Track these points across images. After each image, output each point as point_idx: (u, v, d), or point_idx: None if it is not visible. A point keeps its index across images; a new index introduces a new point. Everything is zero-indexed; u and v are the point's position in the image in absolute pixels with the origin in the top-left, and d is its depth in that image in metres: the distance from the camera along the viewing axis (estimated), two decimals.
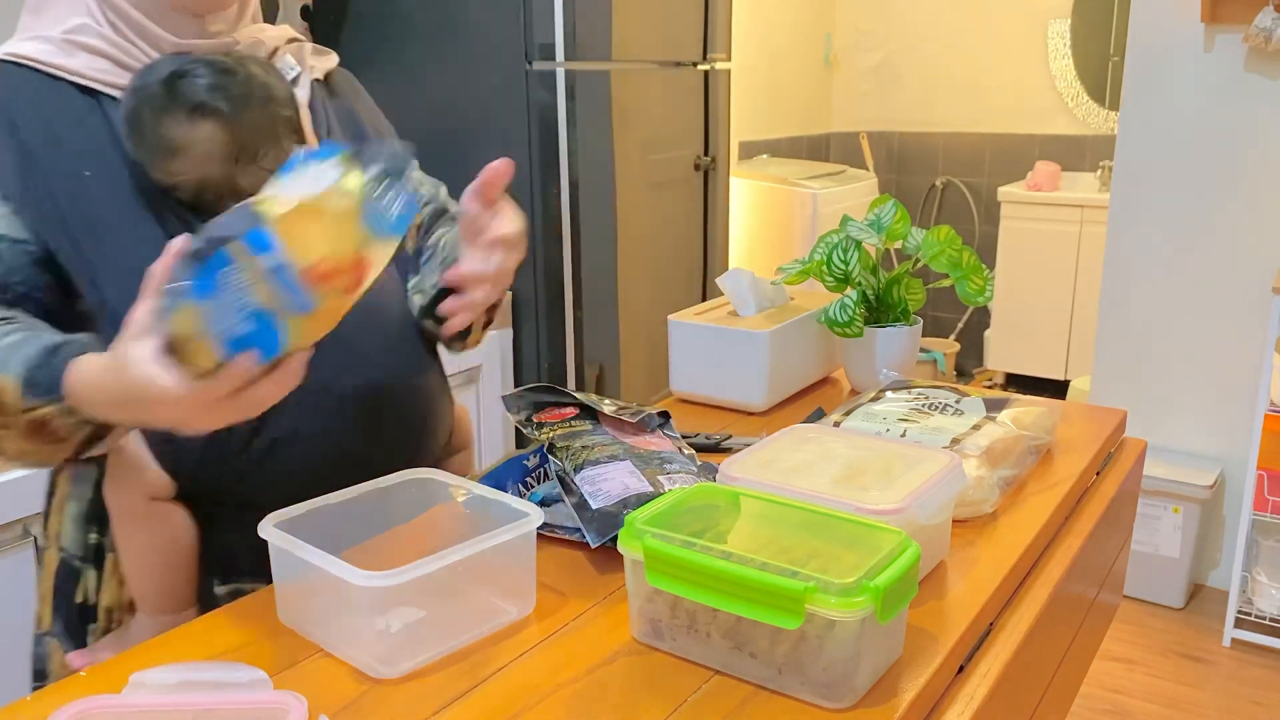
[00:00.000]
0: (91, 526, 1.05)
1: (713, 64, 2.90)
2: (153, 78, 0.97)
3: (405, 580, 0.76)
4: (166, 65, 0.97)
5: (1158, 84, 2.71)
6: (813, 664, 0.73)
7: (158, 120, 0.96)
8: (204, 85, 0.97)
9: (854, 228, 1.43)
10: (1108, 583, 1.26)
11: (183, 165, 0.97)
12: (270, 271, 0.73)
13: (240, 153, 0.99)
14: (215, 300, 0.73)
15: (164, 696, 0.71)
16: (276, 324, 0.75)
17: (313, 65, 1.14)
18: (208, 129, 0.97)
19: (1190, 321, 2.79)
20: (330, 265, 0.76)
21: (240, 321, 0.73)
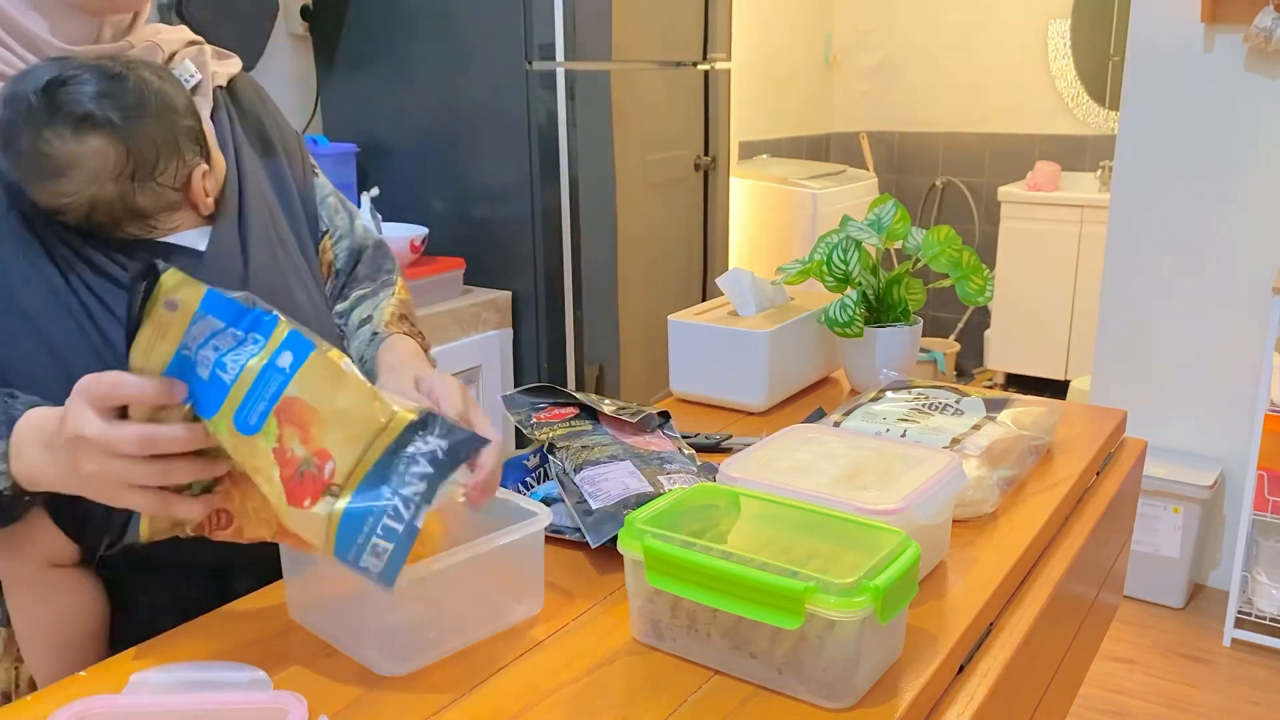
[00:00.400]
0: None
1: (713, 64, 2.90)
2: (28, 86, 0.85)
3: (413, 579, 0.76)
4: (44, 72, 0.86)
5: (1158, 84, 2.71)
6: (813, 664, 0.73)
7: (37, 134, 0.84)
8: (90, 93, 0.85)
9: (854, 228, 1.43)
10: (1108, 583, 1.26)
11: (69, 185, 0.86)
12: (271, 365, 0.73)
13: (136, 169, 0.88)
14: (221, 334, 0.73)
15: (164, 696, 0.71)
16: (221, 398, 0.73)
17: (215, 71, 1.04)
18: (96, 143, 0.86)
19: (1190, 321, 2.79)
20: (307, 418, 0.73)
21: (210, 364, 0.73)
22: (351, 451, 0.73)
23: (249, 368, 0.72)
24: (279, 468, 0.72)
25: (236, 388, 0.72)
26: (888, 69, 4.73)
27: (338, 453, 0.73)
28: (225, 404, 0.72)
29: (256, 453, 0.73)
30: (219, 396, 0.73)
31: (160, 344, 0.73)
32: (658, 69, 2.69)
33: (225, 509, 0.78)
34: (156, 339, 0.73)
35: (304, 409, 0.73)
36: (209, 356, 0.73)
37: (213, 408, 0.73)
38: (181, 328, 0.73)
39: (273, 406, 0.72)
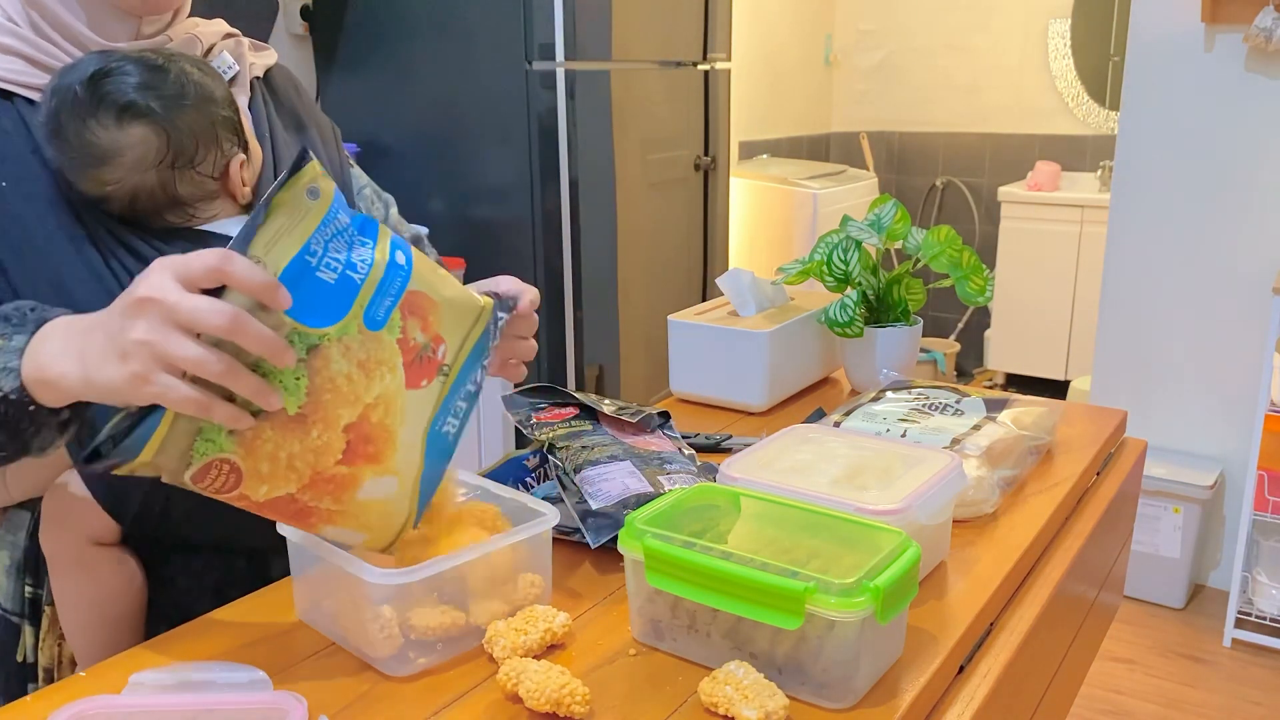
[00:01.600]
0: (26, 578, 0.96)
1: (713, 64, 2.90)
2: (74, 77, 0.87)
3: (422, 577, 0.76)
4: (89, 63, 0.89)
5: (1158, 84, 2.71)
6: (813, 664, 0.73)
7: (83, 124, 0.87)
8: (133, 84, 0.88)
9: (854, 228, 1.43)
10: (1108, 583, 1.26)
11: (112, 173, 0.88)
12: (393, 264, 0.75)
13: (176, 158, 0.90)
14: (344, 234, 0.73)
15: (164, 696, 0.71)
16: (350, 300, 0.72)
17: (252, 62, 1.06)
18: (139, 132, 0.88)
19: (1190, 321, 2.79)
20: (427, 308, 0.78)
21: (338, 265, 0.72)
22: (457, 334, 0.81)
23: (377, 263, 0.74)
24: (402, 355, 0.76)
25: (366, 286, 0.74)
26: (888, 69, 4.73)
27: (448, 337, 0.80)
28: (355, 304, 0.73)
29: (382, 346, 0.75)
30: (348, 298, 0.73)
31: (287, 239, 0.70)
32: (658, 69, 2.69)
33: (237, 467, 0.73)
34: (285, 232, 0.70)
35: (424, 299, 0.78)
36: (334, 259, 0.72)
37: (339, 312, 0.72)
38: (315, 221, 0.71)
39: (399, 301, 0.76)
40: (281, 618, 0.86)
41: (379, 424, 0.76)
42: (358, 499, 0.77)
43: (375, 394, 0.75)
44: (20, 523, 0.97)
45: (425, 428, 0.79)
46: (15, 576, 0.97)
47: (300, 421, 0.73)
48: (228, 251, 0.68)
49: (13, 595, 0.98)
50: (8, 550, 0.98)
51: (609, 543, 0.92)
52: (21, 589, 0.97)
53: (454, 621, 0.79)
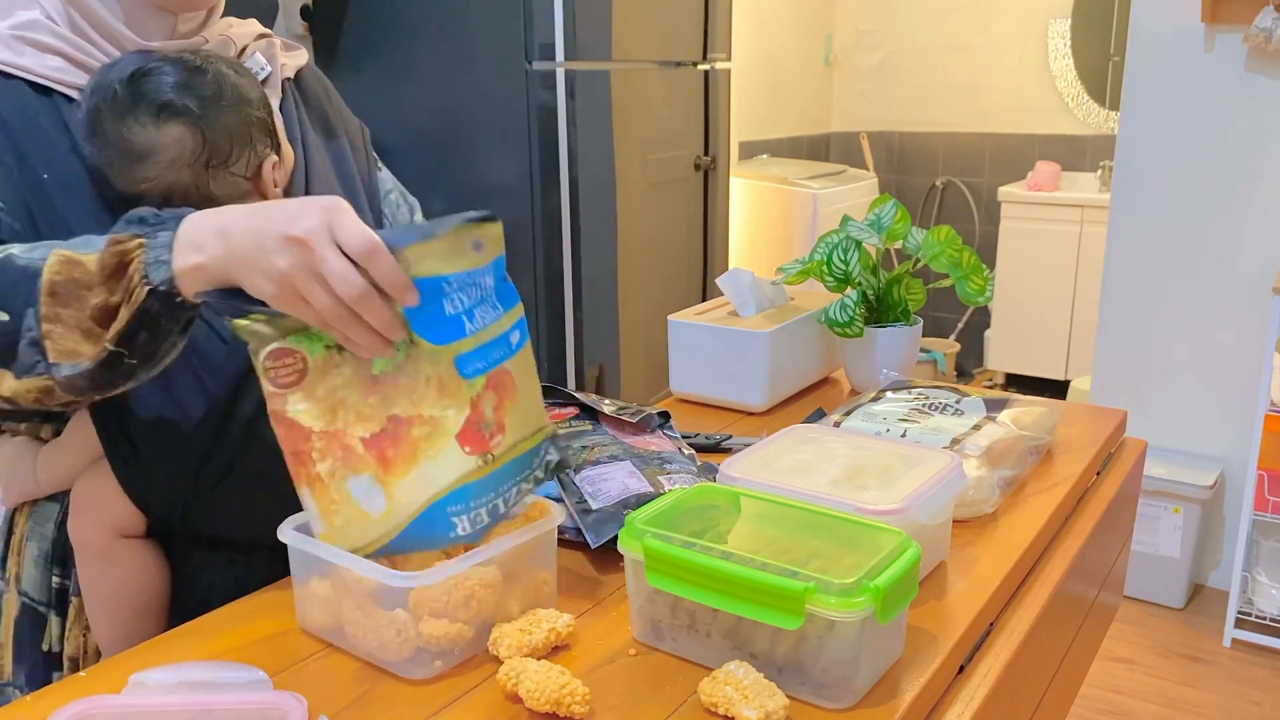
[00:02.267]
0: (54, 569, 0.99)
1: (713, 64, 2.90)
2: (114, 76, 0.89)
3: (437, 580, 0.76)
4: (129, 63, 0.90)
5: (1158, 84, 2.71)
6: (813, 664, 0.73)
7: (120, 122, 0.89)
8: (171, 84, 0.90)
9: (854, 228, 1.43)
10: (1108, 583, 1.26)
11: (148, 170, 0.90)
12: (505, 335, 0.79)
13: (211, 157, 0.92)
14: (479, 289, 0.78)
15: (164, 696, 0.71)
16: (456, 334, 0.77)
17: (284, 63, 1.08)
18: (175, 131, 0.90)
19: (1190, 321, 2.79)
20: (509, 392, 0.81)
21: (458, 304, 0.76)
22: (516, 433, 0.82)
23: (489, 330, 0.79)
24: (469, 410, 0.79)
25: (471, 339, 0.78)
26: (888, 69, 4.73)
27: (509, 430, 0.81)
28: (453, 344, 0.77)
29: (460, 390, 0.78)
30: (451, 333, 0.77)
31: (435, 262, 0.75)
32: (658, 69, 2.69)
33: (306, 369, 0.77)
34: (437, 256, 0.75)
35: (510, 385, 0.81)
36: (462, 300, 0.77)
37: (437, 337, 0.77)
38: (466, 266, 0.77)
39: (489, 370, 0.79)
40: (282, 617, 0.86)
41: (414, 439, 0.78)
42: (346, 486, 0.78)
43: (430, 414, 0.78)
44: (49, 514, 0.99)
45: (437, 493, 0.79)
46: (43, 567, 0.99)
47: (370, 382, 0.78)
48: (379, 243, 0.73)
49: (41, 585, 0.99)
50: (36, 541, 1.00)
51: (609, 543, 0.92)
52: (49, 579, 0.99)
53: (463, 632, 0.79)
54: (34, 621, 1.00)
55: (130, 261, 0.76)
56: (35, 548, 0.99)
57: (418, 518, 0.79)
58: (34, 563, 0.99)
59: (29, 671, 1.00)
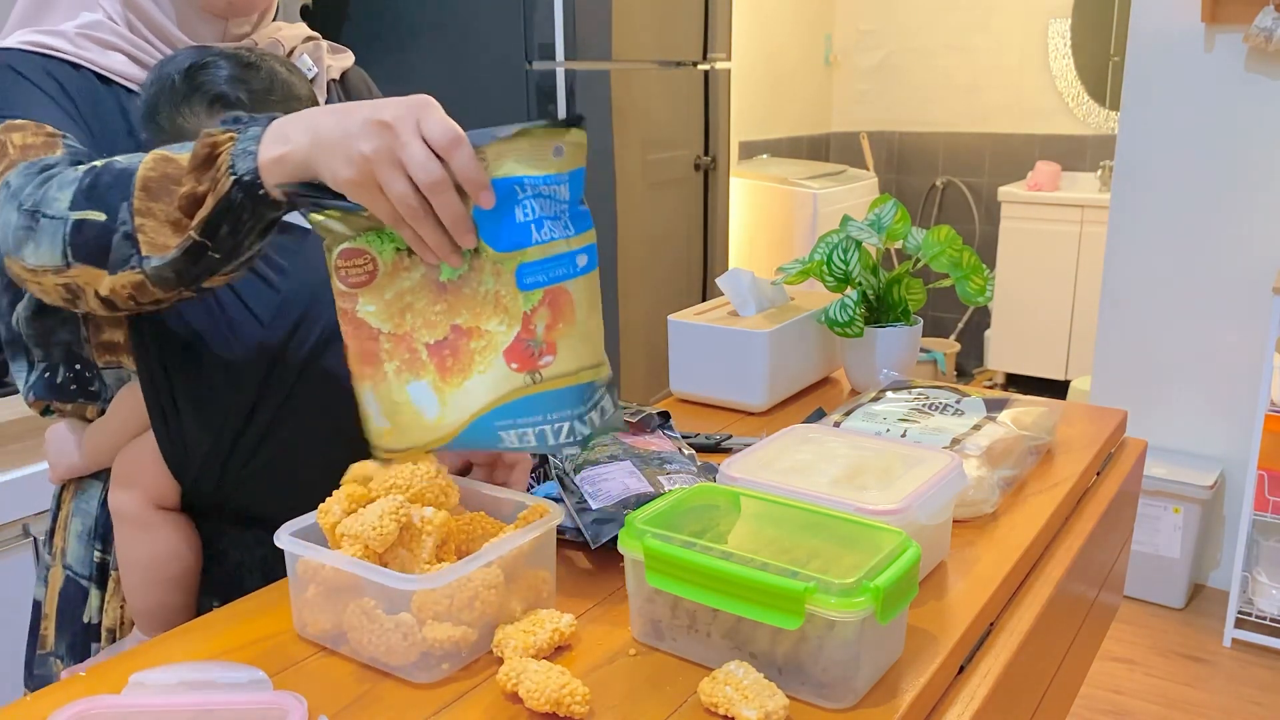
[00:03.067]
0: (96, 544, 1.04)
1: (713, 64, 2.90)
2: (172, 68, 0.95)
3: (441, 584, 0.76)
4: (186, 57, 0.96)
5: (1158, 84, 2.71)
6: (813, 664, 0.73)
7: (176, 111, 0.94)
8: (225, 77, 0.95)
9: (854, 228, 1.43)
10: (1108, 583, 1.26)
11: None
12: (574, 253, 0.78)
13: None
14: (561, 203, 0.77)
15: (164, 696, 0.71)
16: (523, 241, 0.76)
17: (330, 64, 1.13)
18: None
19: (1190, 321, 2.79)
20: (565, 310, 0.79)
21: (529, 212, 0.75)
22: (568, 362, 0.80)
23: (556, 244, 0.77)
24: (520, 327, 0.79)
25: (536, 249, 0.77)
26: (888, 69, 4.73)
27: (561, 355, 0.80)
28: (517, 253, 0.77)
29: (515, 301, 0.78)
30: (517, 241, 0.77)
31: (514, 163, 0.75)
32: (658, 69, 2.69)
33: (376, 270, 0.79)
34: (516, 158, 0.75)
35: (567, 304, 0.79)
36: (534, 208, 0.76)
37: (503, 244, 0.77)
38: (545, 171, 0.75)
39: (547, 285, 0.78)
40: (282, 617, 0.86)
41: (471, 351, 0.79)
42: (407, 389, 0.80)
43: (488, 328, 0.79)
44: (93, 492, 1.04)
45: (483, 407, 0.80)
46: (86, 542, 1.04)
47: (437, 289, 0.79)
48: (462, 135, 0.73)
49: (83, 560, 1.04)
50: (81, 518, 1.04)
51: (609, 543, 0.92)
52: (91, 554, 1.04)
53: (467, 634, 0.79)
54: (76, 594, 1.05)
55: (220, 153, 0.78)
56: (79, 524, 1.04)
57: (467, 429, 0.81)
58: (77, 538, 1.04)
59: (70, 641, 1.05)
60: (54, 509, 1.08)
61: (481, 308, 0.79)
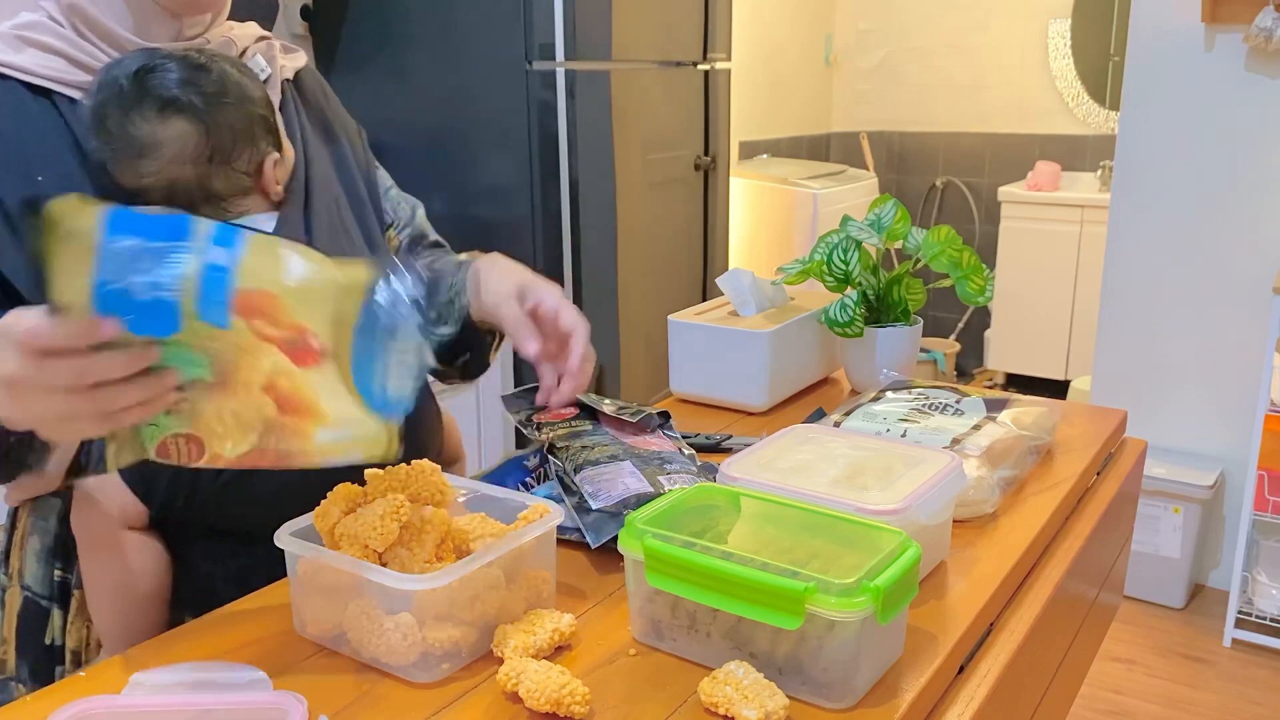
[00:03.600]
0: (56, 562, 1.00)
1: (713, 64, 2.90)
2: (119, 72, 0.91)
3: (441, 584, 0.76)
4: (134, 60, 0.92)
5: (1158, 84, 2.71)
6: (813, 664, 0.73)
7: (125, 117, 0.90)
8: (175, 80, 0.91)
9: (854, 228, 1.43)
10: (1108, 583, 1.26)
11: (152, 165, 0.91)
12: (209, 267, 0.68)
13: (214, 153, 0.93)
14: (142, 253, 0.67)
15: (164, 696, 0.71)
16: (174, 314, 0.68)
17: (283, 65, 1.10)
18: (179, 126, 0.91)
19: (1190, 321, 2.79)
20: (267, 305, 0.70)
21: (145, 288, 0.67)
22: (321, 318, 0.73)
23: (187, 276, 0.68)
24: (274, 344, 0.73)
25: (185, 300, 0.68)
26: (888, 69, 4.73)
27: (312, 323, 0.73)
28: (185, 317, 0.69)
29: (241, 337, 0.71)
30: (173, 315, 0.69)
31: (76, 279, 0.66)
32: (658, 69, 2.69)
33: (193, 436, 0.75)
34: (69, 275, 0.66)
35: (261, 297, 0.71)
36: (140, 281, 0.67)
37: (169, 326, 0.69)
38: (89, 258, 0.66)
39: (229, 305, 0.70)
40: (282, 618, 0.86)
41: (293, 391, 0.75)
42: (318, 444, 0.77)
43: (268, 368, 0.73)
44: (51, 508, 1.00)
45: (349, 397, 0.75)
46: (45, 561, 1.00)
47: (222, 385, 0.73)
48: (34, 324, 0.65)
49: (42, 579, 1.00)
50: (39, 535, 1.00)
51: (609, 543, 0.92)
52: (51, 573, 1.00)
53: (468, 634, 0.79)
54: (36, 615, 1.01)
55: None
56: (38, 541, 1.00)
57: (376, 415, 0.77)
58: (36, 557, 1.00)
59: (31, 665, 1.01)
60: (8, 527, 1.03)
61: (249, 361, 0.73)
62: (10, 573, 1.02)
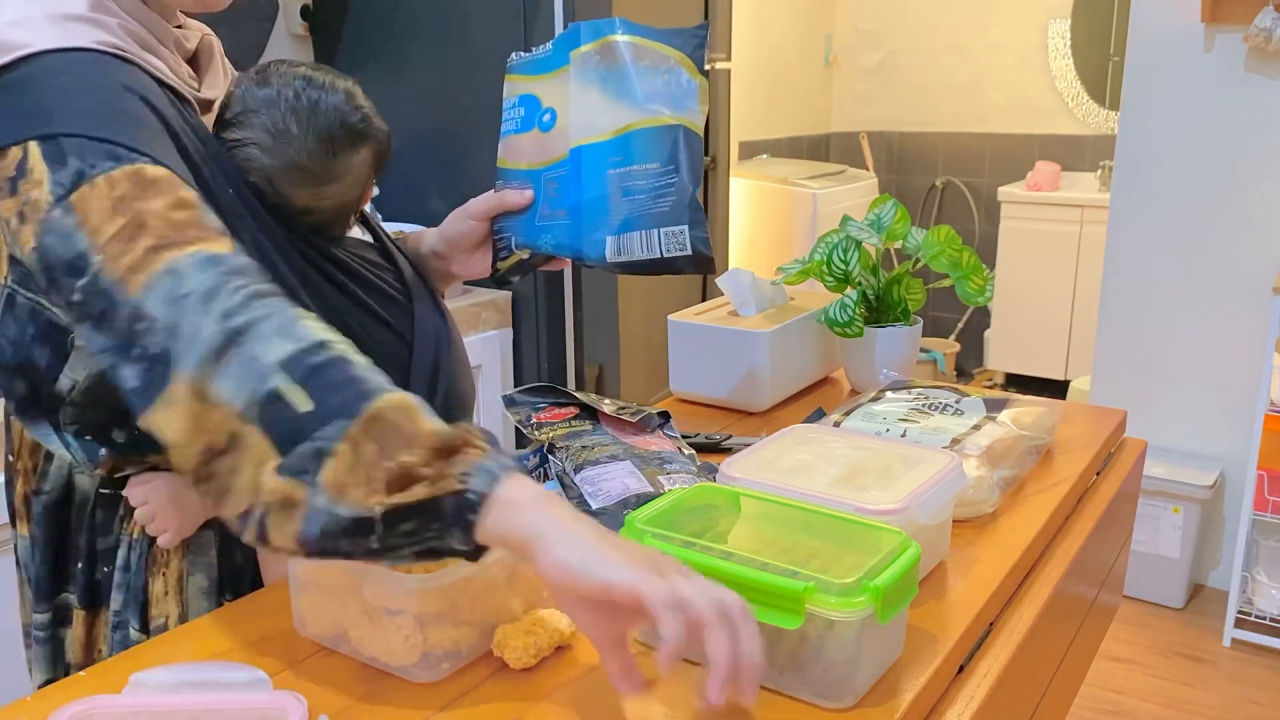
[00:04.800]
0: (226, 594, 0.99)
1: (712, 64, 2.90)
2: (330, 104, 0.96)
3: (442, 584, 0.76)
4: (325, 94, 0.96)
5: (1158, 84, 2.71)
6: (813, 664, 0.73)
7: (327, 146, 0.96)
8: (361, 109, 0.99)
9: (854, 228, 1.43)
10: (1108, 583, 1.26)
11: (335, 189, 0.98)
12: None
13: (378, 173, 1.04)
14: None
15: (164, 696, 0.71)
16: None
17: None
18: (365, 154, 1.00)
19: (1190, 321, 2.79)
20: None
21: None
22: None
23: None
24: None
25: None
26: (888, 69, 4.73)
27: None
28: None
29: None
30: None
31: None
32: None
33: None
34: None
35: None
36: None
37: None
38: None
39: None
40: (282, 618, 0.86)
41: None
42: None
43: None
44: (207, 543, 0.97)
45: None
46: (213, 596, 0.98)
47: None
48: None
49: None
50: (202, 572, 0.97)
51: None
52: (221, 604, 0.98)
53: (468, 634, 0.79)
54: None
55: (462, 453, 0.68)
56: (203, 578, 0.97)
57: None
58: (204, 595, 0.97)
59: None
60: (141, 591, 0.95)
61: None
62: (168, 626, 0.96)
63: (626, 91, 0.98)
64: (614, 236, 1.00)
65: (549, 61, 1.03)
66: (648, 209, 0.99)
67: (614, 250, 1.00)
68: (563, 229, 1.03)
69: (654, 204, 0.99)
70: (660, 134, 0.96)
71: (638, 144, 0.98)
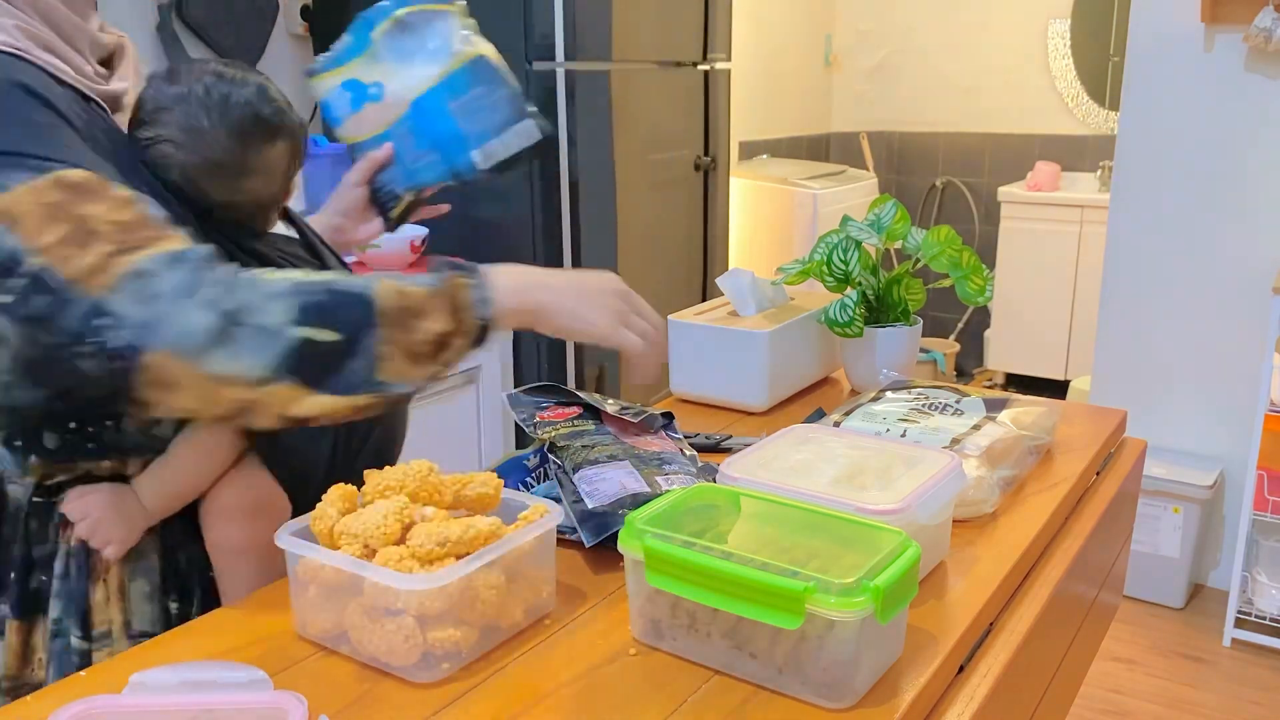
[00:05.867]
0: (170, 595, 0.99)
1: (713, 64, 2.90)
2: (218, 91, 0.95)
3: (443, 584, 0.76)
4: (235, 87, 0.96)
5: (1158, 84, 2.71)
6: (813, 664, 0.73)
7: (240, 139, 0.95)
8: (274, 102, 0.99)
9: (854, 228, 1.43)
10: (1108, 583, 1.26)
11: (254, 182, 0.98)
12: None
13: (296, 167, 1.03)
14: None
15: (164, 696, 0.71)
16: None
17: None
18: (282, 148, 1.00)
19: (1190, 321, 2.79)
20: None
21: None
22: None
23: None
24: None
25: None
26: (888, 69, 4.73)
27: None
28: None
29: None
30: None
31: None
32: (658, 69, 2.69)
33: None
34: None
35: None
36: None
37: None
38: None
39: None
40: (282, 618, 0.86)
41: None
42: None
43: None
44: (149, 548, 0.97)
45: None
46: (156, 599, 0.97)
47: None
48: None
49: (157, 619, 0.98)
50: (144, 577, 0.97)
51: (609, 542, 0.92)
52: (166, 606, 0.98)
53: (468, 634, 0.79)
54: None
55: (459, 297, 0.87)
56: (145, 583, 0.97)
57: None
58: (146, 598, 0.97)
59: None
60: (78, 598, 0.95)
61: None
62: (113, 633, 0.96)
63: (428, 47, 1.22)
64: (478, 149, 1.21)
65: (352, 50, 1.32)
66: (492, 119, 1.21)
67: (483, 159, 1.22)
68: (434, 163, 1.23)
69: (494, 114, 1.20)
70: (469, 68, 1.20)
71: (459, 81, 1.20)
